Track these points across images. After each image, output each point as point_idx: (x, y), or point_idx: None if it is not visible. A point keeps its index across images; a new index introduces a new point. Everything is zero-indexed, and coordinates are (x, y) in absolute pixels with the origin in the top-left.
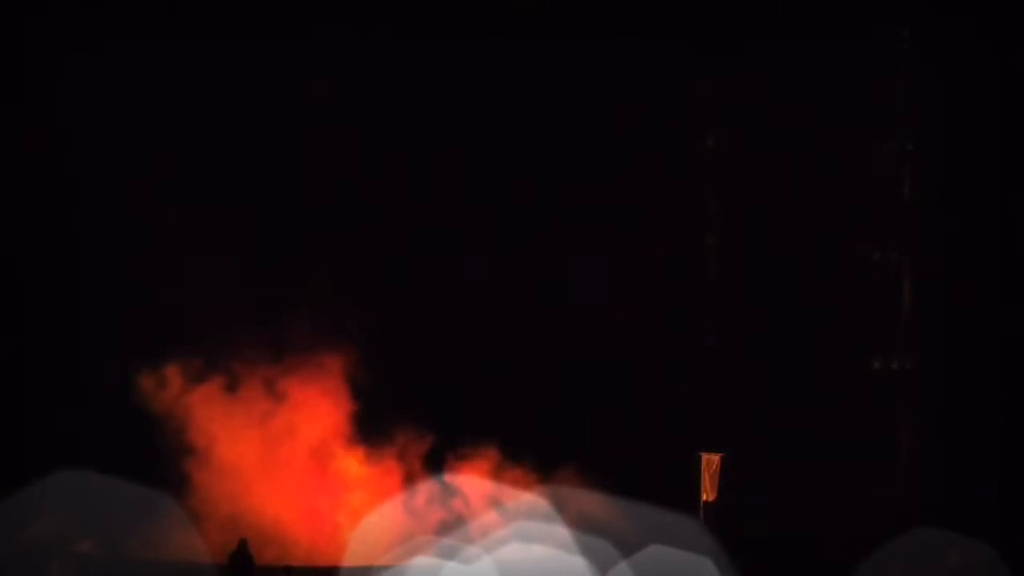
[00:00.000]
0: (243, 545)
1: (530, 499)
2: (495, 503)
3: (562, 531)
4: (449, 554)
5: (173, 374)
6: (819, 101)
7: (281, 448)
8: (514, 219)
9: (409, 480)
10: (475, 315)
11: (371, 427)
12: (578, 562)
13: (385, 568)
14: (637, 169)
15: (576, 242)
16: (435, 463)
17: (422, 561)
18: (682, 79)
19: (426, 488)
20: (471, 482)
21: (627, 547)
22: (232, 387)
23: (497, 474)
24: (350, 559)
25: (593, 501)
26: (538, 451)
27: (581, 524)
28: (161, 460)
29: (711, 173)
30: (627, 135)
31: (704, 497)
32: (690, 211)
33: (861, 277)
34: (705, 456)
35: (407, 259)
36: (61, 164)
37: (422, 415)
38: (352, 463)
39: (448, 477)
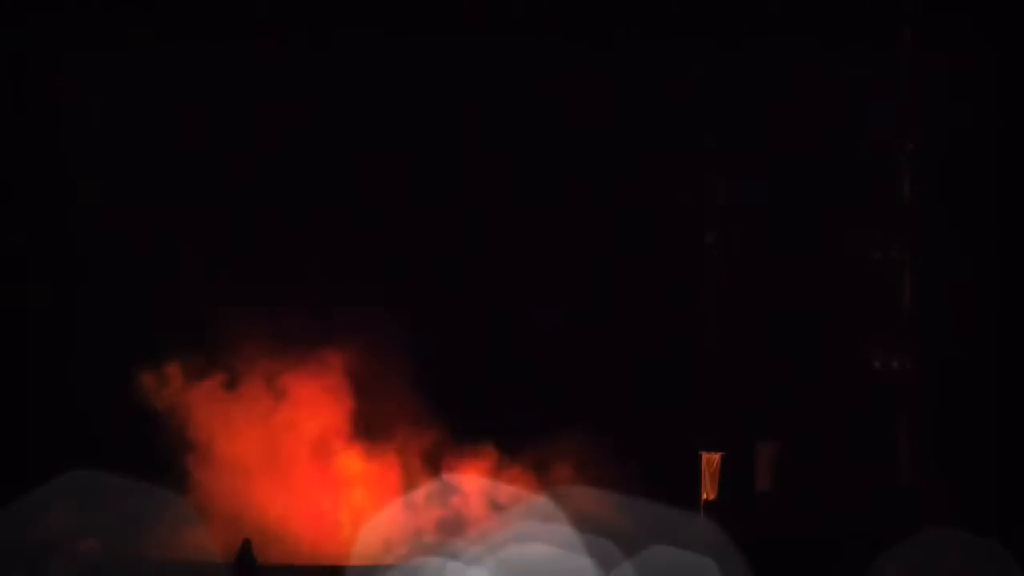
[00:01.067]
0: (247, 545)
1: (531, 498)
2: (496, 502)
3: (564, 530)
4: (451, 554)
5: (174, 371)
6: (819, 101)
7: (282, 445)
8: (514, 218)
9: (409, 478)
10: (474, 313)
11: (371, 424)
12: (581, 561)
13: (387, 568)
14: (636, 168)
15: (576, 241)
16: (435, 461)
17: (424, 561)
18: (681, 78)
19: (426, 487)
20: (471, 481)
21: (629, 546)
22: (233, 384)
23: (497, 472)
24: (352, 558)
25: (594, 500)
26: (538, 450)
27: (582, 523)
28: (162, 458)
29: (710, 172)
30: (626, 135)
31: (704, 496)
32: (689, 210)
33: (861, 277)
34: (705, 455)
35: (408, 256)
36: (61, 163)
37: (422, 412)
38: (353, 460)
39: (448, 476)
